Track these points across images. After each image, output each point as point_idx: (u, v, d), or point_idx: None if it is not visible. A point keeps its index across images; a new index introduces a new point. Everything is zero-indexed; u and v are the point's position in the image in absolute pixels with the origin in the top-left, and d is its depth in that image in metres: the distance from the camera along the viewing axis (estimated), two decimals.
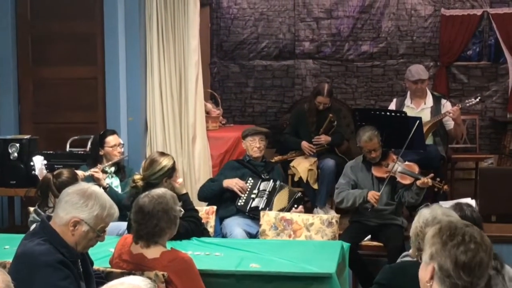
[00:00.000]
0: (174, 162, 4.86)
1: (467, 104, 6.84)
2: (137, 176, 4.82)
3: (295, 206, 5.63)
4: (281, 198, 5.72)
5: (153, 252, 3.59)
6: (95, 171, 5.57)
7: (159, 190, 3.82)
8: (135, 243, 3.66)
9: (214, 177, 6.03)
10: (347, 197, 5.65)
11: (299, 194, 5.84)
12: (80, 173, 5.31)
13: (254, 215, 5.60)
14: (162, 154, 4.97)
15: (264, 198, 5.67)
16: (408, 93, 6.90)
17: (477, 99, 6.96)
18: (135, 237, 3.67)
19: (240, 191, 5.66)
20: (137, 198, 3.80)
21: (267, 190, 5.71)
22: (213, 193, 5.67)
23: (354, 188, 5.73)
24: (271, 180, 5.76)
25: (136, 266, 3.57)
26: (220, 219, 5.63)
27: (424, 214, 3.29)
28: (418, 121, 5.91)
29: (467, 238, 2.24)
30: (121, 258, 3.70)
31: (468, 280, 2.21)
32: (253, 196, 5.68)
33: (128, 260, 3.65)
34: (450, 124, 6.68)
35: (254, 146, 5.89)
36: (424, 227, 3.21)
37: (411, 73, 6.78)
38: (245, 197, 5.67)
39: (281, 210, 5.53)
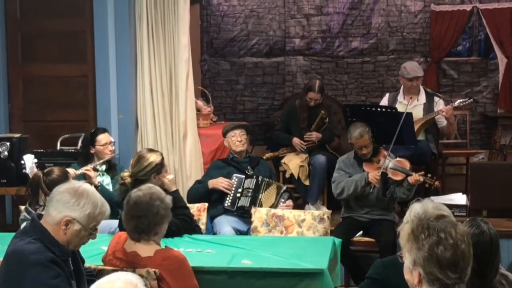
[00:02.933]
0: (162, 158, 4.84)
1: (461, 104, 6.83)
2: (125, 173, 4.81)
3: (282, 200, 5.63)
4: (270, 196, 5.71)
5: (147, 251, 3.57)
6: (87, 170, 5.56)
7: (146, 185, 3.83)
8: (136, 240, 3.61)
9: (200, 179, 6.01)
10: (347, 185, 5.62)
11: (285, 187, 5.83)
12: (71, 171, 5.30)
13: (241, 213, 5.60)
14: (150, 150, 4.96)
15: (249, 196, 5.65)
16: (401, 89, 6.89)
17: (471, 100, 6.97)
18: (135, 233, 3.60)
19: (226, 188, 5.65)
20: (127, 196, 3.76)
21: (251, 187, 5.69)
22: (200, 195, 5.65)
23: None
24: (254, 177, 5.75)
25: (130, 264, 3.56)
26: (211, 218, 5.63)
27: (415, 208, 3.29)
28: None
29: (442, 235, 2.20)
30: (115, 255, 3.68)
31: (456, 276, 2.19)
32: (238, 195, 5.67)
33: (122, 258, 3.63)
34: (442, 121, 6.68)
35: (236, 141, 5.88)
36: None
37: (406, 70, 6.76)
38: (231, 197, 5.65)
39: (271, 207, 5.53)
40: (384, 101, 6.91)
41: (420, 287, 2.25)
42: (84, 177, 5.46)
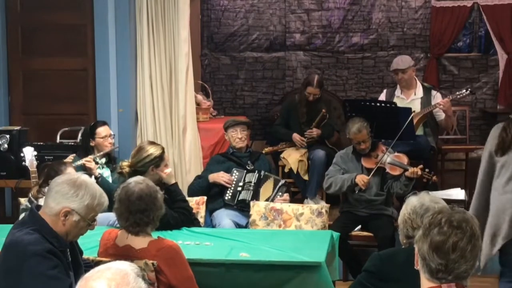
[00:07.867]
0: (162, 152, 4.80)
1: (458, 96, 6.85)
2: (124, 163, 4.81)
3: (280, 194, 5.64)
4: (267, 188, 5.72)
5: (140, 242, 3.54)
6: (87, 161, 5.57)
7: (139, 177, 3.77)
8: (134, 234, 3.55)
9: (200, 174, 6.03)
10: (335, 181, 5.67)
11: (283, 181, 5.84)
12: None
13: (242, 207, 5.61)
14: (152, 143, 4.95)
15: (251, 190, 5.66)
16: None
17: (468, 91, 6.96)
18: (135, 227, 3.54)
19: (227, 182, 5.66)
20: (126, 190, 3.63)
21: (253, 181, 5.70)
22: (201, 189, 5.65)
23: None
24: (256, 171, 5.76)
25: (125, 259, 3.51)
26: (210, 211, 5.64)
27: (412, 201, 3.31)
28: (411, 115, 5.94)
29: (443, 221, 2.24)
30: (107, 252, 3.62)
31: (442, 262, 2.20)
32: (239, 189, 5.68)
33: (115, 254, 3.55)
34: (440, 115, 6.70)
35: (236, 137, 5.89)
36: (411, 214, 3.24)
37: (392, 63, 6.88)
38: (231, 191, 5.67)
39: (267, 199, 5.54)
40: (382, 97, 6.94)
41: (418, 269, 2.30)
42: (84, 168, 5.47)
